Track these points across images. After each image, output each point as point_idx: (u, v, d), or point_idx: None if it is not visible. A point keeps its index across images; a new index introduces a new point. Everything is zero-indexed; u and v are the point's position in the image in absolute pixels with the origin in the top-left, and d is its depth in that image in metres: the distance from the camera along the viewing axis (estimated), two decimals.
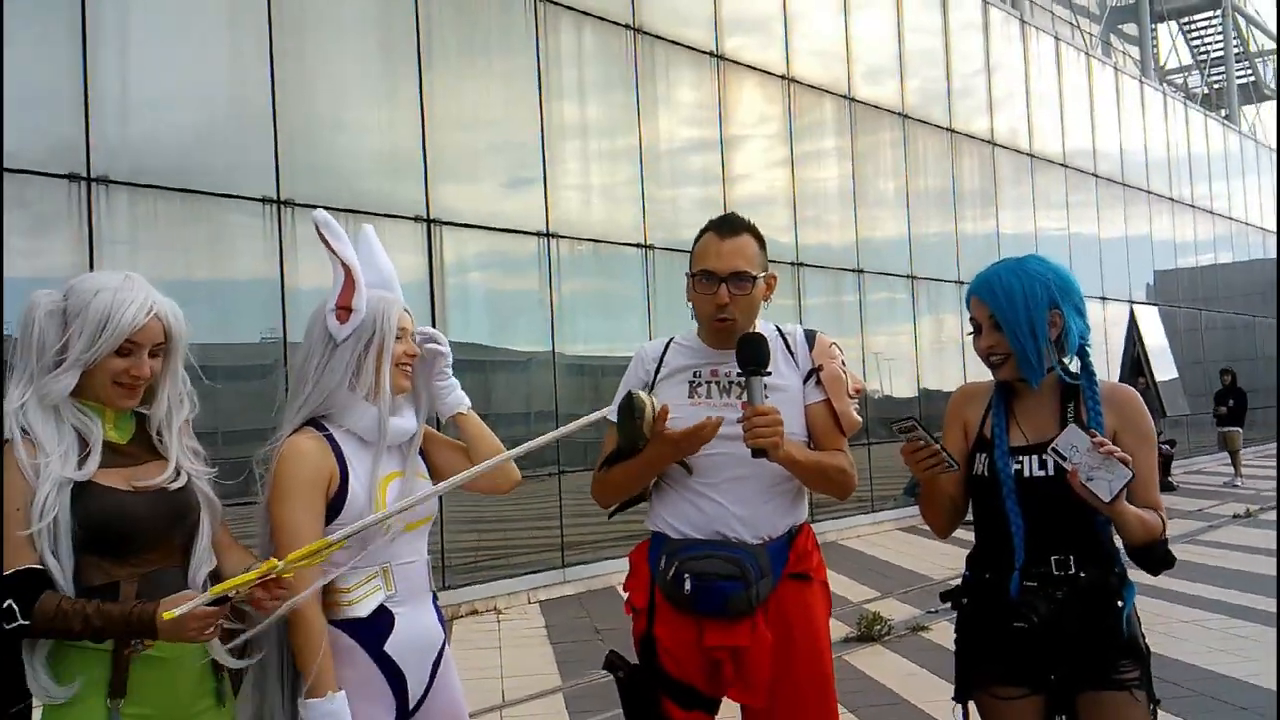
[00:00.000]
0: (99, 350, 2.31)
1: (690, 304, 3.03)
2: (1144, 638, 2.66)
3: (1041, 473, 2.66)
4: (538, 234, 9.62)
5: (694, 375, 2.98)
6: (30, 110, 6.68)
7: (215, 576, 2.43)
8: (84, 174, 6.83)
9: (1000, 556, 2.70)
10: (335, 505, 2.52)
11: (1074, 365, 2.79)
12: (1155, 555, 2.62)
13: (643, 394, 2.84)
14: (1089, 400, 2.70)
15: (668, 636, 2.87)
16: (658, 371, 3.04)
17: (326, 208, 8.39)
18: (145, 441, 2.44)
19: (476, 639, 7.80)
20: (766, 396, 2.79)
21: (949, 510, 2.87)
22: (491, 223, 9.32)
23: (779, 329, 3.07)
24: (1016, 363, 2.72)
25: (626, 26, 10.62)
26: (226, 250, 7.61)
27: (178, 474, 2.42)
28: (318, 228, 2.62)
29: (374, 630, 2.51)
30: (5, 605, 2.16)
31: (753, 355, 2.78)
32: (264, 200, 7.70)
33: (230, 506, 2.60)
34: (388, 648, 2.52)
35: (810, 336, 3.06)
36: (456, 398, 2.81)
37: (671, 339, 3.11)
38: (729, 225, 3.01)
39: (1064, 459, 2.51)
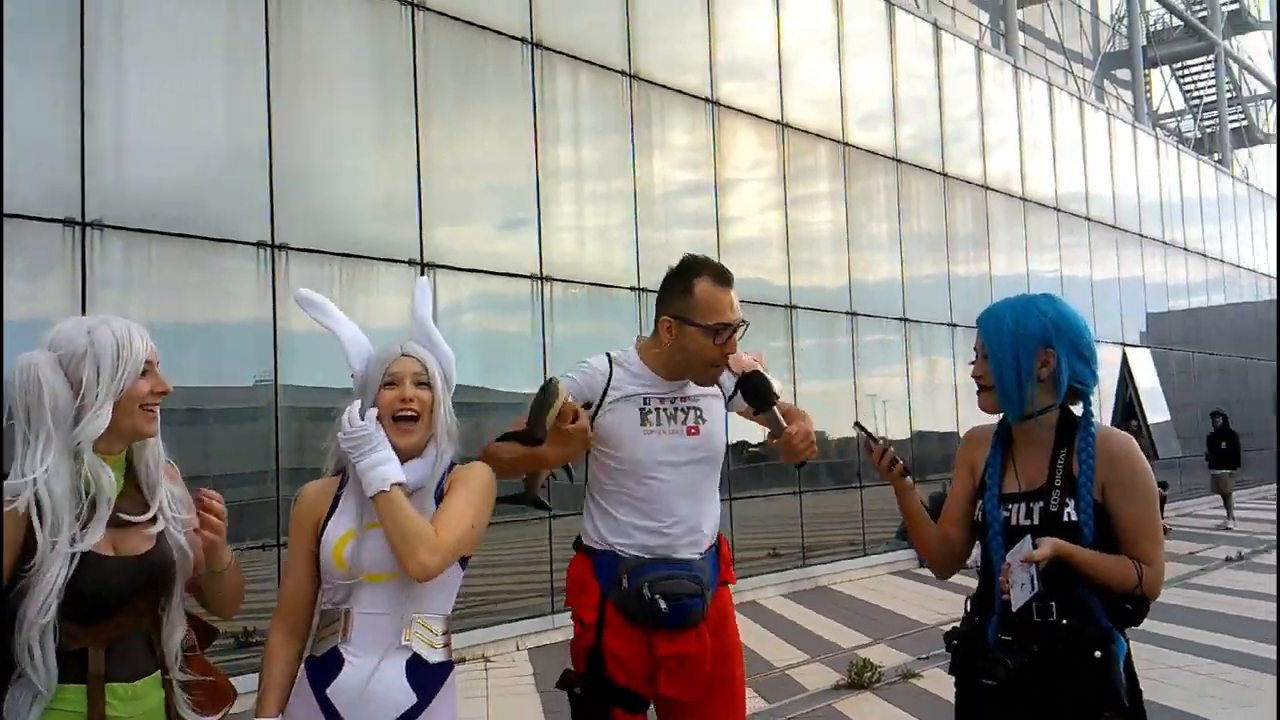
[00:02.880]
0: (126, 377, 2.33)
1: (671, 344, 3.16)
2: (1133, 687, 2.61)
3: (1027, 522, 2.66)
4: (531, 277, 9.67)
5: (644, 402, 3.18)
6: (27, 155, 6.69)
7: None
8: (79, 219, 6.87)
9: (989, 600, 2.70)
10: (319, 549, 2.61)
11: (1077, 409, 2.77)
12: (1122, 605, 2.61)
13: (564, 387, 2.97)
14: (1081, 450, 2.66)
15: (620, 647, 3.07)
16: (606, 391, 3.18)
17: (321, 251, 8.42)
18: (133, 484, 2.45)
19: (464, 688, 7.71)
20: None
21: (942, 551, 2.91)
22: (485, 266, 9.37)
23: None
24: (995, 394, 2.75)
25: (622, 73, 10.72)
26: (220, 294, 7.64)
27: (154, 520, 2.41)
28: (302, 306, 2.71)
29: (322, 671, 2.53)
30: None
31: (761, 393, 3.10)
32: (259, 245, 7.74)
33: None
34: (329, 691, 2.49)
35: None
36: (370, 478, 2.49)
37: (611, 357, 3.26)
38: (726, 275, 3.19)
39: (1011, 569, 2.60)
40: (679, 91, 11.38)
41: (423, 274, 8.79)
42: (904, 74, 14.82)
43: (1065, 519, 2.61)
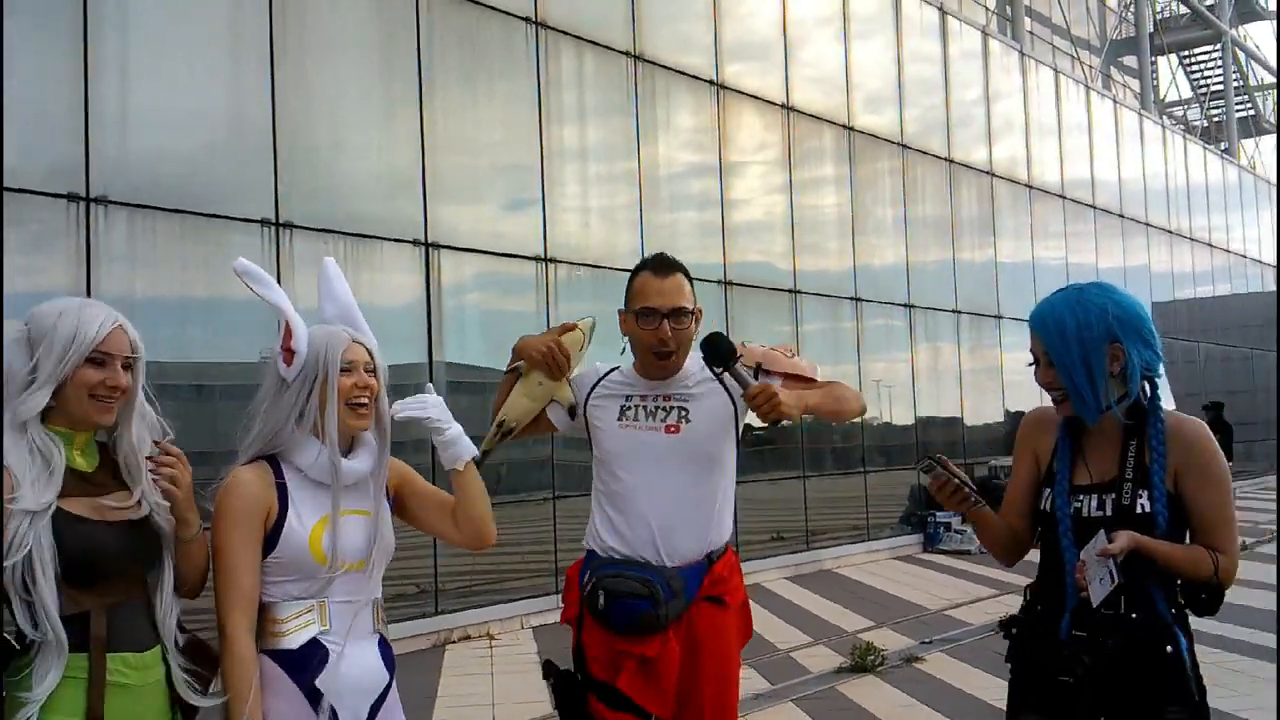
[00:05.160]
0: (69, 362, 2.31)
1: (626, 336, 3.26)
2: (1199, 683, 2.58)
3: (1099, 513, 2.61)
4: (535, 258, 9.64)
5: (625, 399, 3.24)
6: (30, 130, 6.69)
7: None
8: (83, 194, 6.85)
9: (1055, 592, 2.65)
10: (271, 538, 2.52)
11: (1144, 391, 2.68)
12: (1197, 594, 2.59)
13: (588, 324, 3.27)
14: (1153, 438, 2.61)
15: (592, 644, 3.11)
16: (595, 387, 3.29)
17: (324, 230, 8.40)
18: (111, 469, 2.44)
19: (469, 665, 7.76)
20: (756, 376, 3.11)
21: (1008, 540, 2.84)
22: (489, 246, 9.35)
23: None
24: (1072, 403, 2.66)
25: (626, 54, 10.68)
26: (224, 270, 7.55)
27: (140, 504, 2.42)
28: (239, 276, 2.61)
29: (305, 664, 2.50)
30: None
31: (718, 353, 3.07)
32: (262, 222, 7.71)
33: None
34: (319, 683, 2.49)
35: None
36: (455, 452, 2.70)
37: (616, 367, 3.35)
38: (665, 265, 3.21)
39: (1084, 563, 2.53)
40: (684, 73, 11.34)
41: (427, 253, 8.77)
42: (909, 58, 14.76)
43: (1138, 511, 2.57)
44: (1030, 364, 2.76)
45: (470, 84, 9.37)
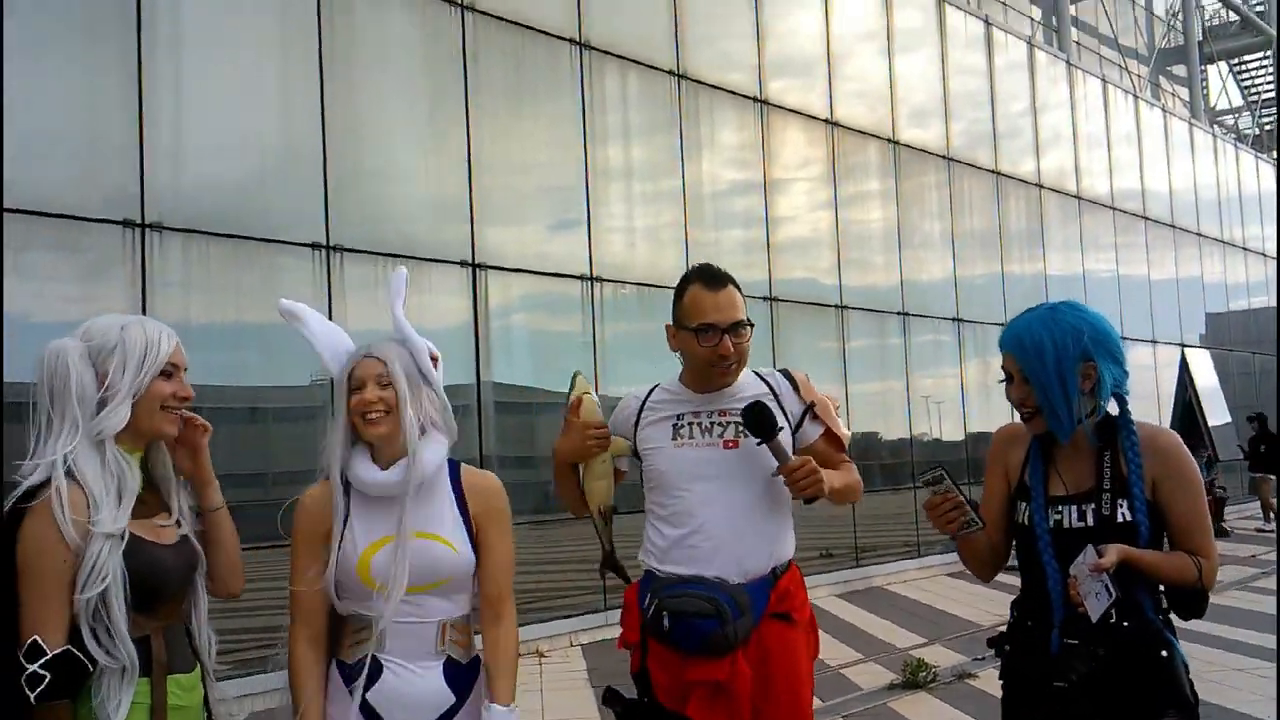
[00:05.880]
0: (147, 375, 2.34)
1: (679, 352, 3.17)
2: (1192, 687, 2.60)
3: (1081, 524, 2.64)
4: (581, 277, 9.69)
5: (677, 418, 3.14)
6: (85, 158, 6.85)
7: None
8: (138, 220, 6.98)
9: (1042, 606, 2.66)
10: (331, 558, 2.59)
11: (1112, 408, 2.73)
12: (1184, 599, 2.62)
13: (583, 380, 3.15)
14: (1127, 450, 2.65)
15: (658, 671, 3.00)
16: (640, 415, 3.21)
17: (373, 253, 8.48)
18: (151, 488, 2.45)
19: (518, 682, 7.75)
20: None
21: (988, 556, 2.87)
22: (536, 266, 9.40)
23: (758, 374, 3.22)
24: (1045, 419, 2.70)
25: (670, 73, 10.73)
26: (276, 294, 7.70)
27: (179, 524, 2.45)
28: (284, 317, 2.76)
29: (359, 677, 2.55)
30: (45, 678, 2.14)
31: (763, 424, 2.94)
32: (314, 245, 7.82)
33: (275, 549, 2.67)
34: (370, 696, 2.54)
35: (788, 376, 3.22)
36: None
37: (657, 385, 3.27)
38: (717, 278, 3.12)
39: (1076, 578, 2.54)
40: (727, 91, 11.37)
41: (475, 274, 8.84)
42: (955, 70, 14.69)
43: (1120, 520, 2.60)
44: (1001, 380, 2.82)
45: (515, 105, 9.46)
